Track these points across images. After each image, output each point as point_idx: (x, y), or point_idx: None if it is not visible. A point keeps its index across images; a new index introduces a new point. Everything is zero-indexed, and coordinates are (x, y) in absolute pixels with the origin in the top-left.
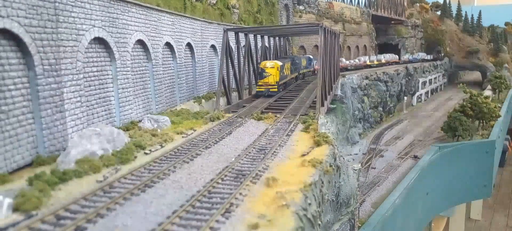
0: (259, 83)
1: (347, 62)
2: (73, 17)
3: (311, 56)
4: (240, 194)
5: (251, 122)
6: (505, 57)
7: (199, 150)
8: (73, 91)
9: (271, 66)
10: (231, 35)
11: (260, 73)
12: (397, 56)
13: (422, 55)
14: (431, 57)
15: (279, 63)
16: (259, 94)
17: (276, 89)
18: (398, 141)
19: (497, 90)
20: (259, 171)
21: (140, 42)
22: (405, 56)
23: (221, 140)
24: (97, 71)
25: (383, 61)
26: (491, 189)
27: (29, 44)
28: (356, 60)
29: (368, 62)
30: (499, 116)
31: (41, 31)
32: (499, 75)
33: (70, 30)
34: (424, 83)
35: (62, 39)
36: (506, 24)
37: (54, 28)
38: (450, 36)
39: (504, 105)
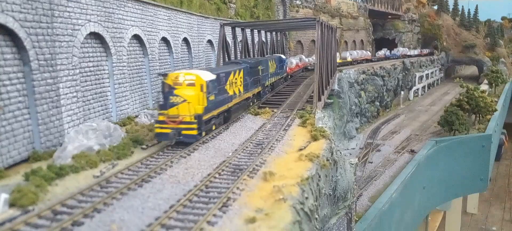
0: (159, 118)
1: (298, 61)
2: (69, 11)
3: (282, 56)
4: (237, 188)
5: (248, 117)
6: (501, 52)
7: (196, 145)
8: (69, 87)
9: (189, 83)
10: (228, 30)
11: (165, 96)
12: (369, 53)
13: (403, 50)
14: (417, 53)
15: (206, 78)
16: (159, 139)
17: (195, 132)
18: (395, 135)
19: (493, 84)
20: (256, 165)
21: (136, 37)
22: (381, 52)
23: (218, 134)
24: (93, 66)
25: (348, 59)
26: (487, 183)
27: (24, 39)
28: (310, 59)
29: None
30: (496, 110)
31: (36, 26)
32: (496, 70)
33: (65, 25)
34: (420, 78)
35: (57, 34)
36: (503, 18)
37: (49, 22)
38: (447, 31)
39: (501, 99)
